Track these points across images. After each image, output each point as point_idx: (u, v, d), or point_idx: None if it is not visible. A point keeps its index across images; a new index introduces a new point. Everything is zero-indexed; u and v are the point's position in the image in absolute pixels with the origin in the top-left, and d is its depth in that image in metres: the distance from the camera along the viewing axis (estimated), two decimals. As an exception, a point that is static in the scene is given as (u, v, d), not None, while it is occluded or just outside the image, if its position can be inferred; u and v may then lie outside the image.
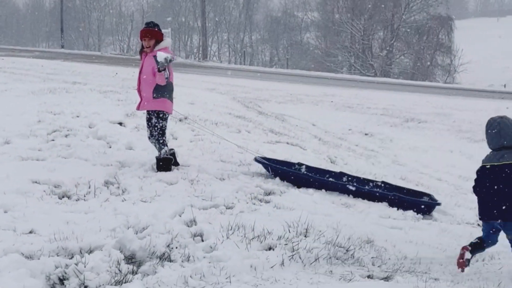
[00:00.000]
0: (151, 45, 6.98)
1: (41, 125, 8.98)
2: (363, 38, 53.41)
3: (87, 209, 5.56)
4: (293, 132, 12.58)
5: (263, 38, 73.79)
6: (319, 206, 6.40)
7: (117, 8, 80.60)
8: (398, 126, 17.24)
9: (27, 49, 47.61)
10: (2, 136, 8.12)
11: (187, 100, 13.83)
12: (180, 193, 6.34)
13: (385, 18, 53.06)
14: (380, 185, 7.86)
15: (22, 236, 4.65)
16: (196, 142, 8.99)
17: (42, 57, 33.40)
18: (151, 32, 7.01)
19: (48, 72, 22.57)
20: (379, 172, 9.53)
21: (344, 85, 29.11)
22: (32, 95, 12.36)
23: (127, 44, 76.69)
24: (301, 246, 4.78)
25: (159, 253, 4.53)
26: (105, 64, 30.54)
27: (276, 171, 7.50)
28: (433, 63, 52.42)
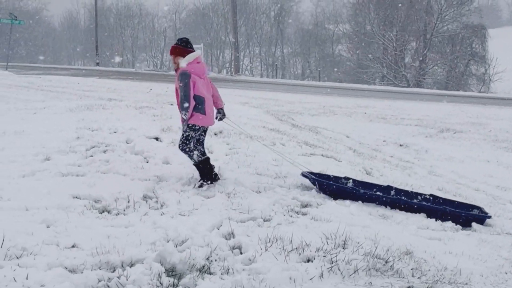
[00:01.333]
0: (177, 62, 7.09)
1: (80, 141, 9.16)
2: (396, 48, 53.09)
3: (127, 223, 5.65)
4: (327, 144, 12.56)
5: (295, 51, 73.88)
6: (356, 217, 6.39)
7: (150, 25, 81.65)
8: (433, 136, 17.06)
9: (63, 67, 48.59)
10: (42, 153, 8.31)
11: (221, 114, 13.93)
12: (217, 206, 6.40)
13: (418, 29, 52.69)
14: (428, 199, 7.80)
15: (65, 250, 4.74)
16: (232, 155, 9.06)
17: (78, 75, 34.02)
18: (176, 49, 7.12)
19: (84, 89, 22.99)
20: (415, 183, 9.45)
21: (377, 96, 28.99)
22: (69, 112, 12.62)
23: (160, 60, 77.54)
24: (339, 258, 4.78)
25: (199, 265, 4.57)
26: (139, 81, 30.96)
27: (322, 186, 7.44)
28: (467, 73, 51.82)
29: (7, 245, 4.62)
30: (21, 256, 4.47)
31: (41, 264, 4.32)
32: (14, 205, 5.88)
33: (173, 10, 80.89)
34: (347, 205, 6.86)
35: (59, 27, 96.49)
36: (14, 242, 4.69)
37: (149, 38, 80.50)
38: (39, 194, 6.29)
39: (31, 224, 5.29)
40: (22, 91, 21.65)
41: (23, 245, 4.65)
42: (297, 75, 71.57)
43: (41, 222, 5.40)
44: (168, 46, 78.84)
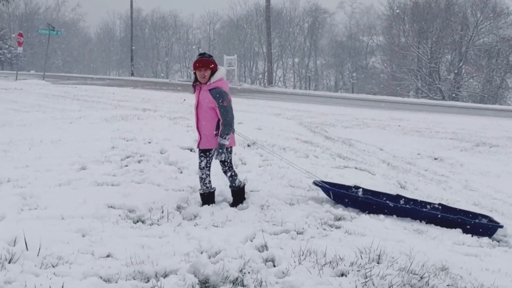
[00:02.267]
0: (207, 76, 6.52)
1: (115, 151, 9.27)
2: (430, 61, 52.71)
3: (161, 233, 5.67)
4: (360, 157, 12.49)
5: (328, 62, 73.90)
6: (390, 232, 6.32)
7: (184, 36, 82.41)
8: (468, 150, 16.85)
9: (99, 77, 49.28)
10: (78, 162, 8.42)
11: (254, 125, 13.98)
12: (250, 218, 6.39)
13: (453, 41, 52.23)
14: (437, 208, 7.70)
15: (100, 259, 4.78)
16: (265, 167, 9.05)
17: (112, 85, 34.46)
18: (207, 62, 6.52)
19: (119, 99, 23.26)
20: (451, 197, 9.33)
21: (411, 109, 28.76)
22: (105, 122, 12.78)
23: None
24: (374, 273, 4.73)
25: (232, 277, 4.56)
26: (172, 91, 31.24)
27: (337, 195, 7.38)
28: (504, 86, 51.18)
29: (43, 253, 4.68)
30: (57, 265, 4.51)
31: (76, 273, 4.36)
32: (50, 214, 5.96)
33: (207, 22, 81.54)
34: (381, 219, 6.79)
35: (95, 37, 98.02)
36: (50, 251, 4.75)
37: (183, 49, 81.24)
38: (75, 203, 6.36)
39: (67, 233, 5.35)
40: (58, 101, 21.99)
41: (59, 254, 4.70)
42: (330, 87, 71.51)
43: (77, 231, 5.46)
44: (202, 57, 79.46)
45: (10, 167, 8.31)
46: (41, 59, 74.54)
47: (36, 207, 6.22)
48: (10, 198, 6.43)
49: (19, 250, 4.64)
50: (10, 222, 5.58)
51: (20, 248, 4.69)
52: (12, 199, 6.37)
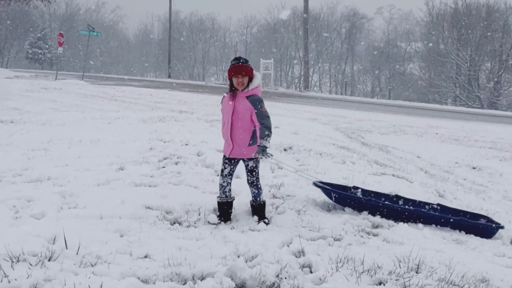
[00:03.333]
0: (245, 83, 6.14)
1: (152, 153, 9.33)
2: (469, 68, 51.99)
3: (198, 236, 5.68)
4: (398, 164, 12.35)
5: (365, 68, 73.45)
6: (429, 241, 6.22)
7: (222, 39, 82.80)
8: (508, 160, 16.51)
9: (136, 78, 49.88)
10: (117, 163, 8.50)
11: (290, 130, 13.94)
12: (287, 223, 6.36)
13: (493, 49, 51.43)
14: (436, 208, 7.54)
15: (138, 260, 4.80)
16: (302, 172, 8.99)
17: (150, 86, 34.76)
18: (246, 69, 6.13)
19: (156, 101, 23.46)
20: (490, 207, 9.15)
21: (449, 117, 28.39)
22: (143, 123, 12.89)
23: (230, 74, 78.37)
24: (413, 283, 4.66)
25: (269, 283, 4.54)
26: (209, 94, 31.37)
27: (340, 197, 7.17)
28: (545, 95, 50.20)
29: (82, 252, 4.73)
30: (95, 264, 4.55)
31: (114, 273, 4.39)
32: (89, 213, 6.02)
33: (244, 25, 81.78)
34: (420, 228, 6.69)
35: (133, 39, 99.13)
36: (89, 250, 4.79)
37: (220, 52, 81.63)
38: (113, 203, 6.41)
39: (106, 233, 5.40)
40: (97, 101, 22.28)
41: (98, 253, 4.74)
42: (366, 92, 71.08)
43: (115, 231, 5.50)
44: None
45: (50, 165, 8.44)
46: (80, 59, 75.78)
47: (75, 206, 6.29)
48: (50, 196, 6.52)
49: (59, 249, 4.69)
50: (50, 220, 5.66)
51: (59, 247, 4.75)
52: (52, 198, 6.46)
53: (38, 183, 7.39)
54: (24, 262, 4.40)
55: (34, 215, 5.83)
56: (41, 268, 4.33)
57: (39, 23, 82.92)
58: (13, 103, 19.75)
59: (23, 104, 19.38)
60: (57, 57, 46.96)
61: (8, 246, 4.54)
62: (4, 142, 10.94)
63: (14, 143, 10.79)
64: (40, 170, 8.04)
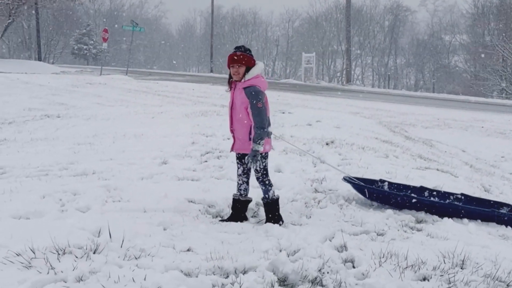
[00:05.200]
0: (241, 72, 5.76)
1: (195, 147, 9.40)
2: (516, 61, 50.81)
3: (240, 230, 5.70)
4: (442, 159, 12.16)
5: (408, 61, 72.55)
6: (474, 236, 6.11)
7: (264, 33, 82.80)
8: (563, 155, 16.12)
9: (179, 73, 50.31)
10: (160, 157, 8.60)
11: (332, 123, 13.87)
12: (329, 217, 6.33)
13: (541, 40, 50.17)
14: (460, 198, 7.36)
15: (181, 253, 4.84)
16: (344, 166, 8.94)
17: (192, 81, 34.99)
18: (243, 57, 5.77)
19: (198, 96, 23.60)
20: (538, 203, 8.94)
21: (495, 110, 27.81)
22: (185, 117, 12.99)
23: (272, 68, 78.44)
24: (457, 279, 4.58)
25: (311, 277, 4.52)
26: (251, 88, 31.33)
27: (372, 194, 6.99)
28: None
29: (126, 245, 4.79)
30: (139, 257, 4.60)
31: (158, 266, 4.43)
32: (133, 207, 6.10)
33: (286, 19, 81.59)
34: (465, 224, 6.58)
35: (176, 34, 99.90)
36: (133, 243, 4.85)
37: (262, 46, 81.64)
38: (157, 196, 6.48)
39: (149, 226, 5.46)
40: (140, 96, 22.55)
41: (142, 246, 4.80)
42: (409, 86, 70.17)
43: (158, 224, 5.56)
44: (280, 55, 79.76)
45: (95, 159, 8.58)
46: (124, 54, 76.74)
47: (119, 200, 6.38)
48: (95, 190, 6.63)
49: (104, 241, 4.76)
50: (95, 213, 5.76)
51: (104, 239, 4.83)
52: (97, 191, 6.57)
53: (84, 176, 7.52)
54: (70, 255, 4.48)
55: (79, 208, 5.94)
56: (87, 260, 4.40)
57: (84, 19, 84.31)
58: (60, 98, 20.15)
59: (69, 99, 19.76)
60: (102, 52, 47.58)
61: (55, 239, 4.63)
62: (51, 136, 11.17)
63: (60, 137, 11.02)
64: (85, 164, 8.19)
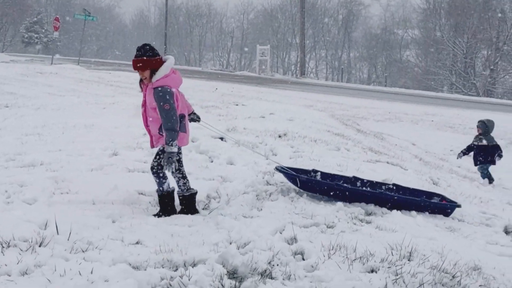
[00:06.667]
0: (147, 76, 5.71)
1: (146, 138, 9.22)
2: (466, 56, 51.94)
3: (191, 222, 5.67)
4: (393, 152, 12.35)
5: (362, 55, 73.26)
6: (422, 229, 6.22)
7: (218, 25, 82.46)
8: (503, 147, 16.52)
9: (132, 64, 49.58)
10: (111, 148, 8.48)
11: (286, 116, 13.91)
12: (280, 210, 6.34)
13: (490, 37, 51.34)
14: (392, 188, 7.48)
15: (130, 246, 4.79)
16: (296, 158, 8.99)
17: (146, 72, 34.47)
18: (143, 63, 5.69)
19: (151, 87, 23.28)
20: (484, 196, 9.16)
21: (445, 104, 28.38)
22: (138, 108, 12.80)
23: (227, 60, 78.27)
24: (405, 270, 4.65)
25: (261, 269, 4.53)
26: (205, 80, 31.27)
27: (304, 184, 6.98)
28: (541, 83, 50.21)
29: (73, 238, 4.71)
30: (86, 250, 4.53)
31: (105, 259, 4.37)
32: (81, 198, 6.01)
33: (241, 11, 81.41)
34: (413, 216, 6.69)
35: (130, 24, 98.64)
36: (81, 236, 4.78)
37: (217, 37, 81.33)
38: (106, 188, 6.39)
39: (98, 219, 5.39)
40: (92, 86, 22.21)
41: (89, 239, 4.72)
42: (362, 79, 70.95)
43: (107, 216, 5.49)
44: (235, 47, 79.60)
45: (44, 150, 8.41)
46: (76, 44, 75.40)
47: (68, 191, 6.28)
48: (43, 181, 6.50)
49: (50, 234, 4.67)
50: (41, 206, 5.65)
51: (51, 232, 4.74)
52: (44, 183, 6.44)
53: (31, 168, 7.37)
54: (15, 248, 4.38)
55: (26, 200, 5.82)
56: (32, 253, 4.31)
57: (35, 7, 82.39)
58: (8, 87, 19.68)
59: (18, 89, 19.31)
60: (53, 41, 46.70)
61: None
62: (-2, 126, 10.89)
63: (8, 127, 10.76)
64: (33, 155, 8.02)
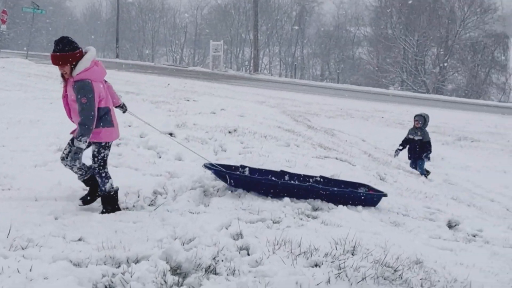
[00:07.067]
0: (67, 71, 5.53)
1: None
2: (416, 54, 52.86)
3: (135, 218, 5.61)
4: (342, 148, 12.47)
5: (315, 52, 73.70)
6: (367, 223, 6.30)
7: (171, 20, 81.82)
8: (450, 144, 16.92)
9: (83, 58, 48.76)
10: (56, 144, 8.33)
11: (237, 112, 13.90)
12: (227, 205, 6.34)
13: (439, 35, 52.35)
14: (319, 180, 7.49)
15: (71, 243, 4.71)
16: (245, 154, 8.99)
17: (97, 66, 33.98)
18: (60, 58, 5.52)
19: (102, 81, 22.96)
20: (429, 191, 9.33)
21: (395, 101, 28.82)
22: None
23: (180, 56, 77.73)
24: (348, 264, 4.70)
25: (205, 265, 4.52)
26: (157, 75, 31.00)
27: (234, 180, 6.91)
28: (488, 81, 51.49)
29: (13, 235, 4.61)
30: (26, 247, 4.45)
31: (46, 256, 4.29)
32: (24, 195, 5.90)
33: (195, 6, 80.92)
34: (358, 211, 6.77)
35: (81, 18, 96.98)
36: (21, 233, 4.68)
37: (170, 33, 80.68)
38: (50, 184, 6.28)
39: (40, 215, 5.29)
40: (40, 80, 21.73)
41: (30, 236, 4.63)
42: (316, 76, 71.38)
43: (50, 213, 5.39)
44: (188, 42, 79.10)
45: (-14, 146, 8.20)
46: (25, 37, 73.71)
47: (9, 188, 6.15)
48: (-16, 178, 6.34)
49: (-11, 231, 4.56)
50: (-19, 203, 5.51)
51: (-11, 230, 4.62)
52: (-15, 179, 6.28)
53: (-28, 164, 7.18)
54: (-49, 246, 4.27)
55: (-35, 197, 5.67)
56: (-31, 252, 4.21)
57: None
58: (-48, 81, 19.11)
59: (-38, 83, 18.77)
60: (1, 34, 45.58)
61: None
62: None
63: (-51, 122, 10.45)
64: (-25, 151, 7.81)
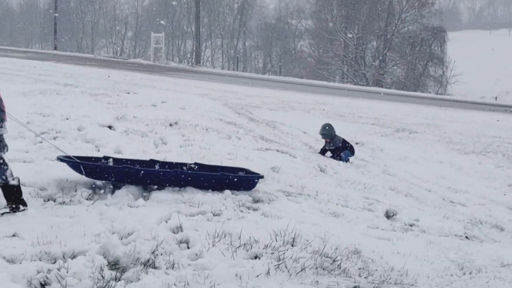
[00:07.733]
0: None
1: (29, 127, 8.89)
2: (356, 47, 53.57)
3: (72, 213, 5.50)
4: (283, 140, 12.54)
5: (257, 44, 73.86)
6: (307, 215, 6.36)
7: (112, 11, 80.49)
8: (389, 136, 17.22)
9: (20, 50, 47.55)
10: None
11: (178, 105, 13.78)
12: (167, 199, 6.29)
13: (379, 28, 53.20)
14: (194, 168, 7.42)
15: (5, 239, 4.59)
16: (186, 147, 8.93)
17: (34, 58, 33.23)
18: None
19: (40, 74, 22.44)
20: (368, 181, 9.49)
21: (336, 94, 29.15)
22: (22, 96, 12.31)
23: (121, 47, 76.58)
24: (287, 256, 4.73)
25: (144, 259, 4.47)
26: (97, 67, 30.42)
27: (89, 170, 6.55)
28: (425, 74, 52.63)
29: None
30: (-45, 245, 4.30)
31: (-23, 253, 4.16)
32: (-46, 191, 5.67)
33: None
34: (299, 202, 6.82)
35: (18, 8, 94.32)
36: (-50, 230, 4.52)
37: (110, 24, 79.35)
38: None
39: (-29, 211, 5.11)
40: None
41: (-41, 233, 4.48)
42: (258, 69, 71.54)
43: (-18, 209, 5.22)
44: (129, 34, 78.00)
45: None
46: (-42, 28, 71.27)
47: None
48: None
49: None
50: None
51: None
52: None
53: None
54: None
55: None
56: None
57: None
58: None
59: None
60: None
61: None
62: None
63: None
64: None
